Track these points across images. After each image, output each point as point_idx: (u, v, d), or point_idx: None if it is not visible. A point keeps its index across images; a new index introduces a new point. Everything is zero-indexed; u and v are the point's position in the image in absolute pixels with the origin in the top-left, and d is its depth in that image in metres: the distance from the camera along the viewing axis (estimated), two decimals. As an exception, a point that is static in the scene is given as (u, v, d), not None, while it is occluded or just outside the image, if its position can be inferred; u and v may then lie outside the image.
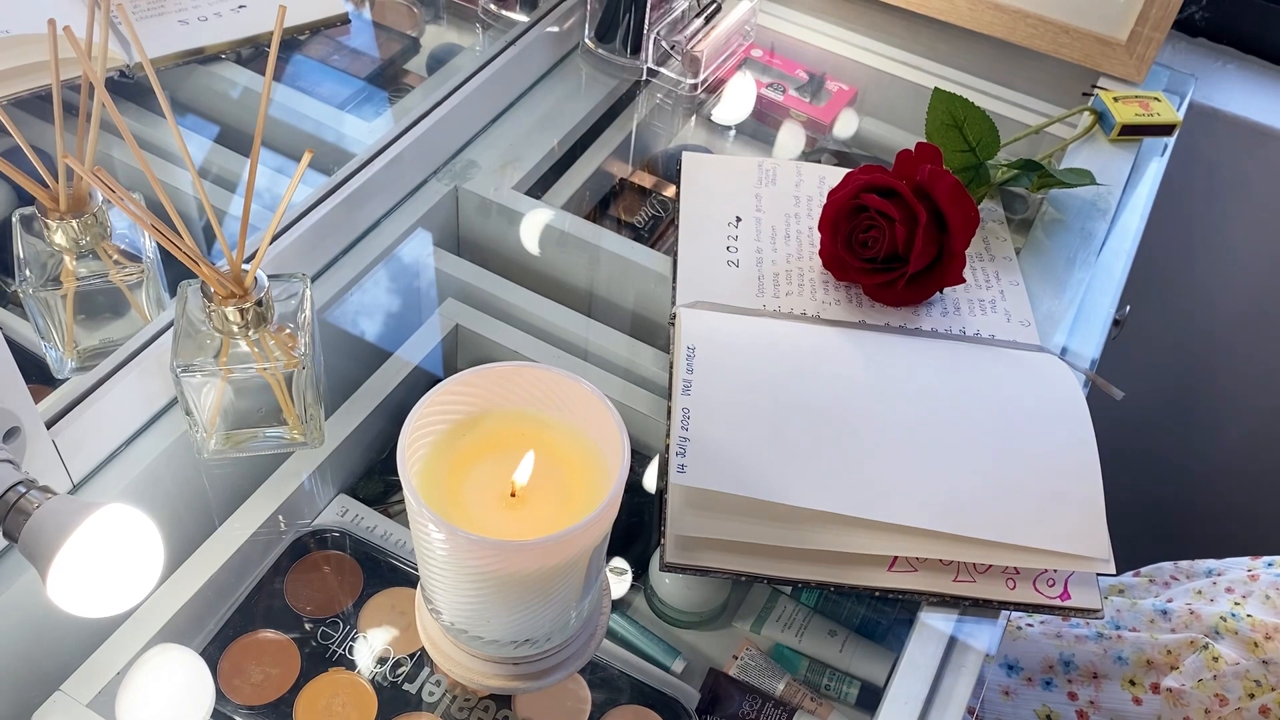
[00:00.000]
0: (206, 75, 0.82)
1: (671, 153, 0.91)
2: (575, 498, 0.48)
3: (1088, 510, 0.59)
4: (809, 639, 0.65)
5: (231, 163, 0.78)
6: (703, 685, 0.62)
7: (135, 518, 0.46)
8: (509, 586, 0.46)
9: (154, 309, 0.63)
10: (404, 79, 0.92)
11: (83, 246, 0.59)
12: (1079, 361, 0.71)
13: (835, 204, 0.69)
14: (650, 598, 0.65)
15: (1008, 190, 0.82)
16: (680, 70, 0.89)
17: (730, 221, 0.75)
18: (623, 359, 0.71)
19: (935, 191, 0.66)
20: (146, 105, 0.77)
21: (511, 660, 0.51)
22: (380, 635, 0.60)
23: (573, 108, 0.86)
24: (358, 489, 0.68)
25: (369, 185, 0.73)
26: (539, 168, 0.82)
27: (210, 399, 0.58)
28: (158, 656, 0.56)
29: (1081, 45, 0.90)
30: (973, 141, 0.75)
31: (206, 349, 0.56)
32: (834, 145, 0.93)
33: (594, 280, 0.78)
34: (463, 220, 0.80)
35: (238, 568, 0.60)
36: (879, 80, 0.93)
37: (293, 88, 0.85)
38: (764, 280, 0.71)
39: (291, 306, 0.59)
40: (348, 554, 0.63)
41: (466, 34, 0.95)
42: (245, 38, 0.83)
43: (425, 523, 0.44)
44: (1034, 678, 0.76)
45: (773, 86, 0.94)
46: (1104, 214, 0.82)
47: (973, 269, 0.73)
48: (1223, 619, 0.76)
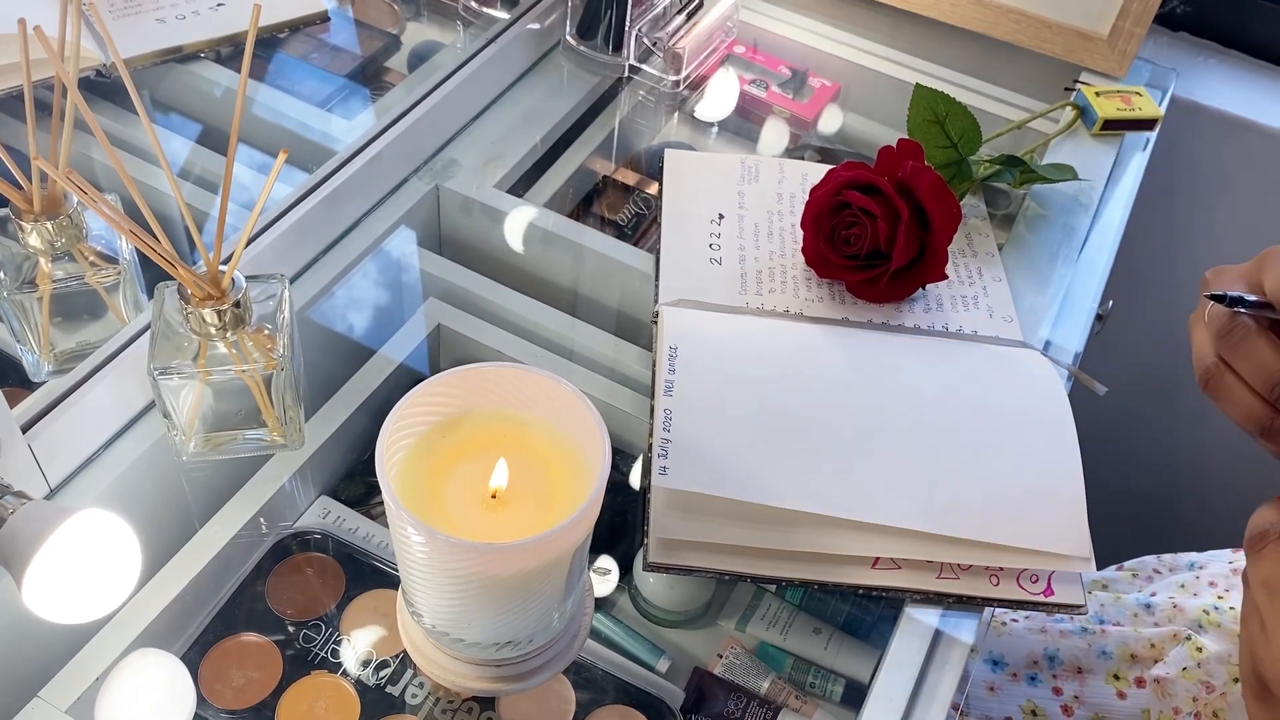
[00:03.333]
0: (185, 74, 0.82)
1: (654, 150, 0.91)
2: (557, 499, 0.48)
3: (1069, 509, 0.59)
4: (793, 637, 0.65)
5: (212, 163, 0.77)
6: (688, 684, 0.62)
7: (112, 523, 0.46)
8: (490, 589, 0.46)
9: (131, 311, 0.63)
10: (385, 76, 0.91)
11: (58, 248, 0.59)
12: (1062, 357, 0.71)
13: (817, 201, 0.68)
14: (634, 597, 0.65)
15: (990, 186, 0.82)
16: (662, 67, 0.89)
17: (713, 219, 0.75)
18: (606, 358, 0.70)
19: (917, 188, 0.66)
20: (124, 104, 0.76)
21: (494, 662, 0.51)
22: (363, 637, 0.59)
23: (554, 105, 0.86)
24: (339, 490, 0.68)
25: (349, 184, 0.72)
26: (521, 165, 0.82)
27: (189, 401, 0.57)
28: (138, 661, 0.55)
29: (1063, 40, 0.90)
30: (955, 137, 0.75)
31: (184, 351, 0.56)
32: (817, 141, 0.93)
33: (577, 279, 0.77)
34: (444, 219, 0.80)
35: (218, 571, 0.59)
36: (862, 76, 0.93)
37: (273, 86, 0.85)
38: (746, 278, 0.71)
39: (270, 307, 0.59)
40: (330, 556, 0.63)
41: (448, 31, 0.95)
42: (224, 36, 0.82)
43: (404, 526, 0.44)
44: (1019, 673, 0.76)
45: (755, 83, 0.93)
46: (1086, 209, 0.82)
47: (955, 265, 0.73)
48: (1205, 612, 0.77)
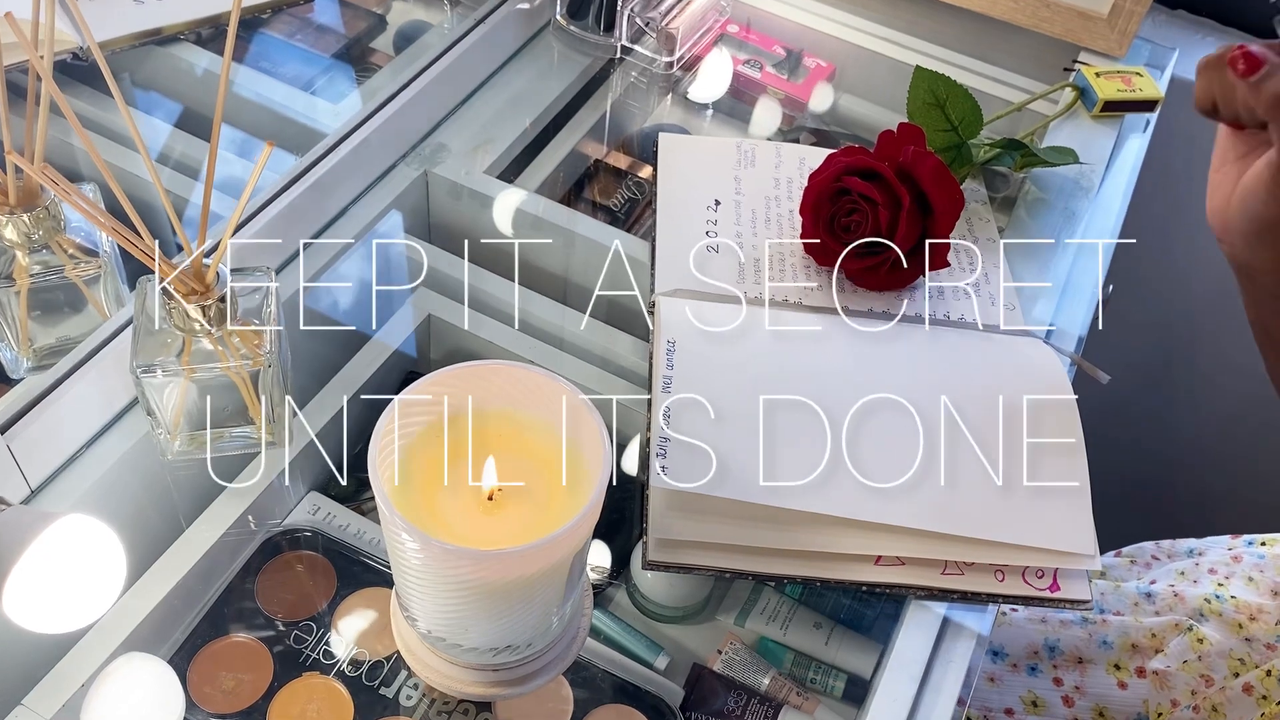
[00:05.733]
0: (165, 57, 0.79)
1: (647, 132, 0.89)
2: (556, 500, 0.47)
3: (1074, 506, 0.58)
4: (794, 632, 0.64)
5: (192, 147, 0.75)
6: (687, 681, 0.61)
7: (95, 529, 0.45)
8: (489, 595, 0.44)
9: (113, 305, 0.61)
10: (370, 58, 0.89)
11: (35, 241, 0.57)
12: (1065, 343, 0.70)
13: (817, 187, 0.67)
14: (632, 593, 0.64)
15: (989, 169, 0.80)
16: (655, 48, 0.87)
17: (709, 205, 0.73)
18: (599, 346, 0.69)
19: (918, 174, 0.65)
20: (102, 88, 0.74)
21: (491, 667, 0.50)
22: (355, 637, 0.58)
23: (545, 88, 0.84)
24: (329, 486, 0.66)
25: (336, 170, 0.70)
26: (511, 150, 0.80)
27: (173, 399, 0.56)
28: (124, 666, 0.54)
29: (1062, 20, 0.88)
30: (955, 121, 0.73)
31: (168, 347, 0.54)
32: (812, 123, 0.91)
33: (569, 266, 0.76)
34: (433, 205, 0.78)
35: (206, 571, 0.58)
36: (857, 56, 0.91)
37: (255, 68, 0.82)
38: (744, 265, 0.69)
39: (256, 301, 0.57)
40: (320, 554, 0.61)
41: (434, 10, 0.92)
42: (204, 18, 0.80)
43: (399, 532, 0.42)
44: (1019, 664, 0.75)
45: (750, 63, 0.92)
46: (1087, 192, 0.81)
47: (956, 252, 0.72)
48: (1207, 601, 0.76)
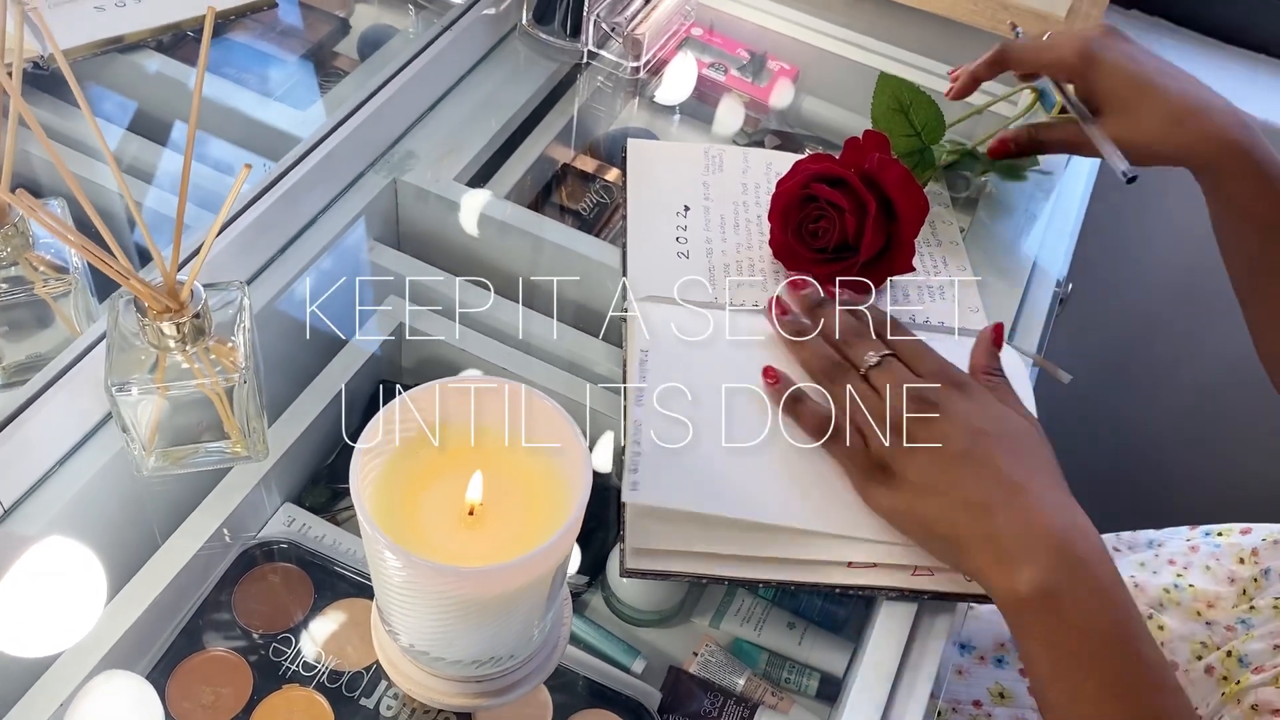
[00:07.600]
0: (127, 65, 0.79)
1: (614, 136, 0.90)
2: (537, 515, 0.47)
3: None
4: (768, 632, 0.65)
5: (156, 156, 0.74)
6: (664, 684, 0.62)
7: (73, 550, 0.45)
8: (470, 610, 0.45)
9: (83, 321, 0.60)
10: (334, 62, 0.88)
11: (3, 259, 0.56)
12: (1027, 343, 0.72)
13: (785, 194, 0.68)
14: (608, 598, 0.65)
15: (950, 170, 0.81)
16: (621, 52, 0.87)
17: (679, 211, 0.74)
18: (569, 352, 0.69)
19: (884, 180, 0.66)
20: (64, 96, 0.73)
21: (473, 679, 0.50)
22: (335, 648, 0.58)
23: (512, 93, 0.84)
24: (304, 497, 0.66)
25: (304, 181, 0.70)
26: (479, 156, 0.80)
27: (148, 415, 0.56)
28: (103, 684, 0.54)
29: (1021, 21, 0.89)
30: (918, 126, 0.74)
31: (142, 364, 0.54)
32: (776, 125, 0.92)
33: (540, 272, 0.76)
34: (402, 213, 0.78)
35: (182, 586, 0.58)
36: (820, 59, 0.92)
37: (218, 74, 0.82)
38: (715, 271, 0.70)
39: (229, 315, 0.57)
40: (297, 565, 0.61)
41: (398, 14, 0.92)
42: (166, 25, 0.79)
43: (382, 550, 0.43)
44: (986, 656, 0.77)
45: (714, 66, 0.92)
46: (1046, 194, 0.82)
47: (921, 255, 0.73)
48: (1166, 591, 0.78)
